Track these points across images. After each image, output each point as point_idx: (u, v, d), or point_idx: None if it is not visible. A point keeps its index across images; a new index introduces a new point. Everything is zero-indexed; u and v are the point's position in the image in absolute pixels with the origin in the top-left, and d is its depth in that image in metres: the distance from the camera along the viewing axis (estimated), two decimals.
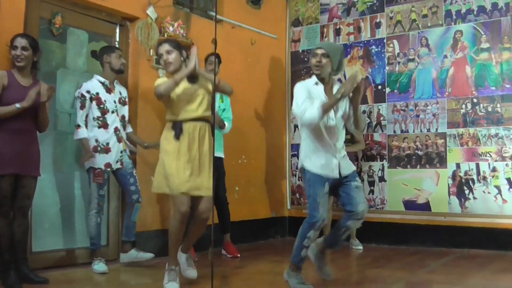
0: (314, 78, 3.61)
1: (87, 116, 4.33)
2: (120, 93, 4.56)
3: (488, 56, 5.51)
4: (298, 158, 6.67)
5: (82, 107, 4.31)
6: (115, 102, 4.47)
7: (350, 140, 5.68)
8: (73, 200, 4.63)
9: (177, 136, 3.57)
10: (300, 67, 6.74)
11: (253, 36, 6.31)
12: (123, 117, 4.55)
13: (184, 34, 5.25)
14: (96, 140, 4.33)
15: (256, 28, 6.35)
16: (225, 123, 4.97)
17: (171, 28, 5.11)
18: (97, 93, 4.36)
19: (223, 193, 5.12)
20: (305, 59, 6.70)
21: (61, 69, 4.58)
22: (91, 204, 4.34)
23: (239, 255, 5.05)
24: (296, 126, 6.72)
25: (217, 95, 5.01)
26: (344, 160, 3.61)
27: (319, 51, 3.54)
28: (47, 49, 4.41)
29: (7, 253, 3.62)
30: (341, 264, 4.95)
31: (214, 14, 5.76)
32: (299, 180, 6.63)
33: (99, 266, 4.22)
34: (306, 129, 3.56)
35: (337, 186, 3.59)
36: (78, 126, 4.29)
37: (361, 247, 5.53)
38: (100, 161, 4.34)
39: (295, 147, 6.70)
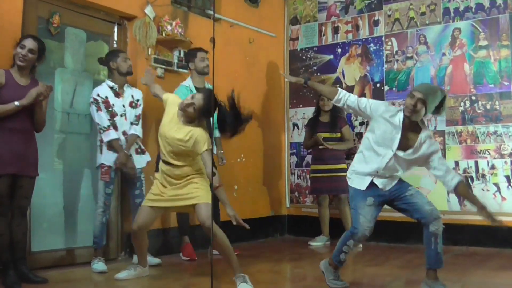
0: (401, 114, 3.48)
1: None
2: (132, 96, 4.56)
3: (487, 54, 5.51)
4: (297, 157, 6.68)
5: (99, 109, 4.34)
6: (123, 106, 4.47)
7: (340, 138, 5.71)
8: (72, 199, 4.62)
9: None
10: (298, 65, 6.74)
11: (251, 34, 6.31)
12: (137, 117, 4.57)
13: (182, 33, 5.24)
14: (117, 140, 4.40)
15: (254, 26, 6.34)
16: None
17: (169, 27, 5.11)
18: (106, 97, 4.39)
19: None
20: (303, 57, 6.69)
21: (59, 68, 4.58)
22: (98, 202, 4.37)
23: (195, 258, 4.89)
24: (294, 125, 6.71)
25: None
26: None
27: (417, 95, 3.39)
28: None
29: (6, 253, 3.62)
30: None
31: (212, 12, 5.75)
32: (298, 179, 6.63)
33: (98, 265, 4.22)
34: None
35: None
36: (108, 127, 4.32)
37: (360, 245, 5.53)
38: (109, 158, 4.36)
39: (294, 146, 6.70)
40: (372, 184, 3.52)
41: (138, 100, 4.61)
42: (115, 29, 4.97)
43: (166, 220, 5.15)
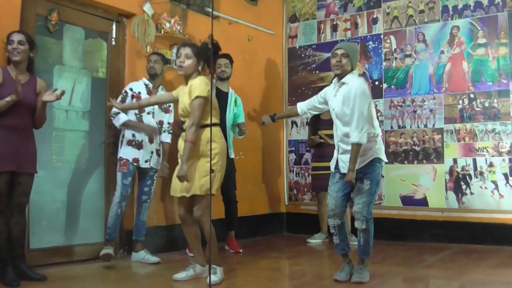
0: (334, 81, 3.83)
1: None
2: None
3: (485, 52, 5.51)
4: (295, 154, 6.68)
5: (122, 101, 4.46)
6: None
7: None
8: (71, 196, 4.62)
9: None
10: (297, 63, 6.74)
11: (250, 32, 6.30)
12: (160, 122, 4.65)
13: (181, 31, 5.24)
14: (133, 135, 4.48)
15: (253, 24, 6.34)
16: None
17: (167, 25, 5.10)
18: (139, 92, 4.54)
19: (233, 191, 5.22)
20: (302, 55, 6.69)
21: (57, 66, 4.57)
22: (116, 193, 4.44)
23: (241, 251, 5.07)
24: (293, 122, 6.72)
25: (232, 99, 5.09)
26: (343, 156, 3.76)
27: (339, 51, 3.69)
28: (43, 46, 4.40)
29: (5, 250, 3.62)
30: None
31: (210, 10, 5.75)
32: (296, 176, 6.63)
33: (106, 249, 4.29)
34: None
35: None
36: (117, 113, 4.41)
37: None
38: (130, 153, 4.45)
39: (292, 143, 6.71)
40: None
41: (169, 106, 4.71)
42: (114, 27, 4.96)
43: (169, 217, 5.16)
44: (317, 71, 6.56)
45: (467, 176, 5.49)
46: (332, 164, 3.86)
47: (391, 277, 3.95)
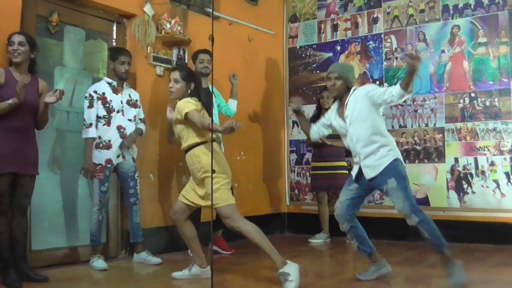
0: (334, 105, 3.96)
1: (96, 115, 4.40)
2: (130, 96, 4.59)
3: (486, 51, 5.51)
4: (296, 154, 6.68)
5: (91, 106, 4.37)
6: (122, 102, 4.50)
7: (338, 135, 5.70)
8: (73, 198, 4.62)
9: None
10: (297, 63, 6.74)
11: (250, 32, 6.30)
12: (135, 117, 4.60)
13: (181, 31, 5.24)
14: (99, 137, 4.40)
15: (254, 24, 6.34)
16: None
17: (168, 25, 5.10)
18: (103, 93, 4.43)
19: None
20: (303, 55, 6.69)
21: (58, 67, 4.57)
22: (93, 200, 4.38)
23: (231, 252, 5.05)
24: (294, 122, 6.72)
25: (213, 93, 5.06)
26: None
27: (332, 75, 3.79)
28: (44, 47, 4.41)
29: (7, 251, 3.62)
30: (340, 259, 4.96)
31: (211, 10, 5.75)
32: (297, 176, 6.63)
33: (99, 263, 4.24)
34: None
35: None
36: (90, 125, 4.35)
37: None
38: (101, 157, 4.38)
39: (294, 143, 6.71)
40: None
41: (137, 100, 4.64)
42: (114, 28, 4.96)
43: (167, 217, 5.16)
44: (317, 71, 6.55)
45: (468, 175, 5.49)
46: (353, 172, 3.83)
47: (393, 276, 3.94)
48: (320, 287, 3.73)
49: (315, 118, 5.92)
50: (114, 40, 4.94)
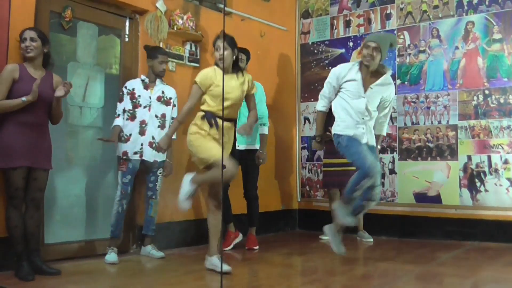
0: (357, 65, 4.05)
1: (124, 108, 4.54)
2: (163, 92, 4.64)
3: (500, 47, 5.45)
4: (308, 151, 6.67)
5: (120, 100, 4.54)
6: (150, 98, 4.56)
7: None
8: (86, 192, 4.66)
9: (211, 125, 3.84)
10: (309, 59, 6.72)
11: (262, 28, 6.30)
12: (163, 115, 4.63)
13: (194, 27, 5.25)
14: (121, 131, 4.49)
15: (266, 20, 6.33)
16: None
17: (180, 21, 5.11)
18: (133, 89, 4.55)
19: (252, 186, 5.19)
20: (315, 51, 6.67)
21: (71, 62, 4.60)
22: (117, 191, 4.46)
23: (255, 248, 5.07)
24: (306, 119, 6.71)
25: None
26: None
27: (372, 44, 3.84)
28: (57, 43, 4.44)
29: (20, 244, 3.66)
30: (351, 256, 4.95)
31: (223, 6, 5.75)
32: (309, 173, 6.63)
33: (110, 256, 4.29)
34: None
35: None
36: (117, 116, 4.51)
37: (371, 240, 5.53)
38: (120, 149, 4.48)
39: (305, 140, 6.70)
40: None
41: (170, 98, 4.70)
42: (127, 23, 4.98)
43: (174, 213, 5.18)
44: (330, 67, 6.52)
45: (481, 173, 5.44)
46: (363, 137, 4.11)
47: (404, 274, 3.93)
48: (331, 283, 3.72)
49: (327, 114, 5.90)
50: (126, 36, 4.96)
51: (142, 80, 4.61)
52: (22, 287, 3.45)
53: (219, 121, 3.83)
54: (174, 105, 4.73)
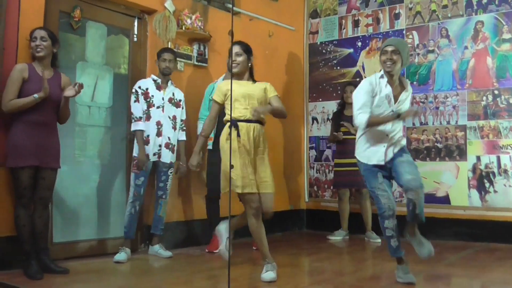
0: (380, 72, 3.71)
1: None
2: (174, 94, 4.70)
3: (510, 47, 5.41)
4: (316, 151, 6.66)
5: (137, 100, 4.54)
6: (163, 99, 4.60)
7: None
8: (94, 191, 4.68)
9: (238, 135, 3.65)
10: (318, 59, 6.71)
11: (270, 28, 6.29)
12: (174, 117, 4.67)
13: (202, 27, 5.25)
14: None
15: (274, 20, 6.33)
16: None
17: (189, 21, 5.12)
18: (147, 89, 4.58)
19: None
20: (323, 51, 6.66)
21: (80, 62, 4.62)
22: (130, 193, 4.49)
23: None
24: (314, 119, 6.71)
25: None
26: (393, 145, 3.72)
27: (390, 48, 3.62)
28: (66, 43, 4.46)
29: (29, 243, 3.69)
30: (359, 257, 4.94)
31: (231, 6, 5.75)
32: (316, 173, 6.62)
33: (120, 255, 4.32)
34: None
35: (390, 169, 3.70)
36: (139, 118, 4.50)
37: (379, 240, 5.51)
38: (138, 151, 4.49)
39: (313, 140, 6.69)
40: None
41: (180, 100, 4.75)
42: (136, 23, 5.00)
43: (187, 212, 5.19)
44: (338, 67, 6.52)
45: (490, 174, 5.41)
46: (380, 159, 3.69)
47: (413, 274, 3.91)
48: (339, 284, 3.71)
49: (337, 114, 5.89)
50: (135, 36, 4.98)
51: (154, 81, 4.64)
52: (31, 286, 3.46)
53: (241, 125, 3.67)
54: (182, 107, 4.79)
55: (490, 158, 5.42)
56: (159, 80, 4.65)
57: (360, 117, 3.61)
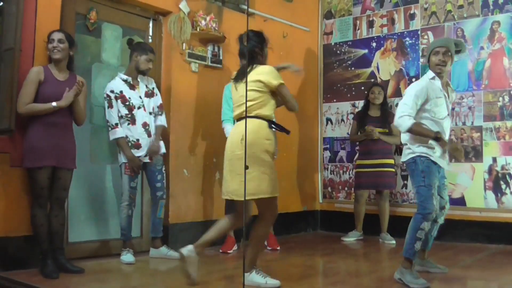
0: (430, 73, 3.64)
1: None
2: (146, 86, 4.55)
3: None
4: (330, 152, 6.64)
5: (110, 106, 4.36)
6: (140, 97, 4.48)
7: (388, 133, 5.63)
8: (108, 192, 4.72)
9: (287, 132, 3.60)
10: (332, 59, 6.69)
11: (285, 29, 6.29)
12: (153, 108, 4.57)
13: (216, 28, 5.27)
14: (126, 136, 4.40)
15: (288, 21, 6.32)
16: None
17: (203, 22, 5.14)
18: (121, 91, 4.39)
19: None
20: (338, 52, 6.64)
21: (96, 63, 4.67)
22: (123, 196, 4.41)
23: (278, 248, 5.07)
24: (328, 120, 6.69)
25: None
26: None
27: (442, 50, 3.53)
28: (82, 44, 4.50)
29: (45, 243, 3.73)
30: (374, 259, 4.92)
31: (246, 7, 5.76)
32: (331, 174, 6.59)
33: (127, 257, 4.29)
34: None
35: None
36: (115, 125, 4.35)
37: (393, 242, 5.48)
38: (122, 157, 4.42)
39: (327, 140, 6.67)
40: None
41: (153, 88, 4.60)
42: (150, 25, 5.03)
43: (198, 212, 5.20)
44: (352, 68, 6.49)
45: (507, 176, 5.35)
46: (442, 162, 3.66)
47: (427, 277, 3.88)
48: (354, 285, 3.70)
49: (362, 113, 5.84)
50: (150, 37, 5.01)
51: (125, 81, 4.43)
52: (47, 285, 3.50)
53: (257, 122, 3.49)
54: (156, 94, 4.62)
55: (506, 160, 5.36)
56: (129, 79, 4.43)
57: (407, 120, 3.49)
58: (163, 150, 4.61)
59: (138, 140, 4.42)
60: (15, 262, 3.78)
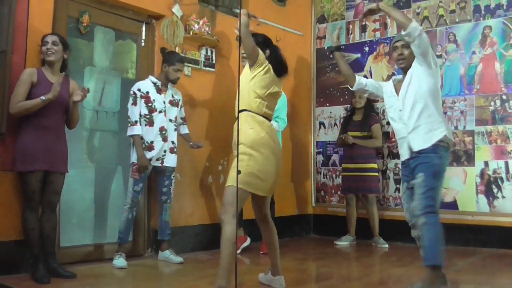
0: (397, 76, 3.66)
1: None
2: (173, 96, 4.64)
3: None
4: (323, 156, 6.65)
5: (134, 103, 4.45)
6: (164, 102, 4.54)
7: (369, 136, 5.67)
8: (101, 196, 4.69)
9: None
10: (325, 64, 6.71)
11: (278, 33, 6.27)
12: (175, 118, 4.64)
13: (209, 32, 5.27)
14: (141, 138, 4.44)
15: (281, 25, 6.28)
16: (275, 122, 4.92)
17: (196, 26, 5.14)
18: (147, 92, 4.48)
19: None
20: (330, 56, 6.65)
21: (88, 67, 4.65)
22: (126, 198, 4.45)
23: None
24: (321, 124, 6.69)
25: None
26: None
27: (399, 43, 3.54)
28: (74, 47, 4.48)
29: (36, 247, 3.70)
30: (366, 262, 4.92)
31: (239, 11, 5.76)
32: (324, 178, 6.60)
33: (119, 261, 4.29)
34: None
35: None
36: (135, 122, 4.41)
37: (386, 246, 5.49)
38: (134, 157, 4.45)
39: (320, 144, 6.68)
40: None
41: (179, 100, 4.71)
42: (143, 28, 5.02)
43: (200, 217, 5.19)
44: None
45: (498, 179, 5.38)
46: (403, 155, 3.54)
47: (419, 280, 3.88)
48: None
49: (346, 119, 5.89)
50: (143, 41, 5.00)
51: (154, 84, 4.55)
52: None
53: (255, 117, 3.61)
54: (181, 106, 4.75)
55: (498, 164, 5.39)
56: (159, 83, 4.56)
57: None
58: (174, 163, 4.62)
59: (152, 142, 4.46)
60: (6, 267, 3.75)
